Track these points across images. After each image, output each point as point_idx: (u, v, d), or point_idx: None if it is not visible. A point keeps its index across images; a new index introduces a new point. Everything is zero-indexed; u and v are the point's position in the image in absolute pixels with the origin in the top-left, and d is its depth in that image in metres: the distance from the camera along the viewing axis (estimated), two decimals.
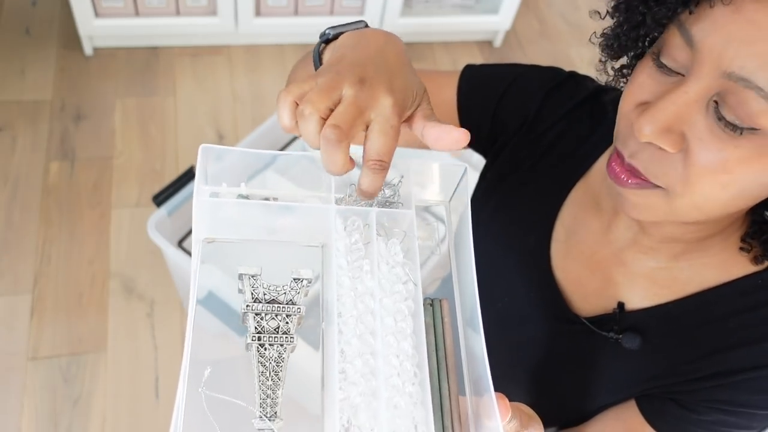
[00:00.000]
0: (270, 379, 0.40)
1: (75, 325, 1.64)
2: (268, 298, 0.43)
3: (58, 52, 2.14)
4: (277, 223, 0.45)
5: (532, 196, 0.67)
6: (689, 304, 0.56)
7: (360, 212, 0.45)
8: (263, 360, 0.41)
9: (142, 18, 2.07)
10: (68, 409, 1.52)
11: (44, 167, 1.88)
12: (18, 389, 1.53)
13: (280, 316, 0.42)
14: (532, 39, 2.49)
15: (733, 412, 0.54)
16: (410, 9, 2.28)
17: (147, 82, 2.11)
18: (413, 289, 0.44)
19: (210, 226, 0.46)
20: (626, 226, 0.59)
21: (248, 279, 0.43)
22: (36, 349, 1.59)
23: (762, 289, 0.54)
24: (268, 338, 0.41)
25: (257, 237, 0.46)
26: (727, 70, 0.40)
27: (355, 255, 0.44)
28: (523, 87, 0.68)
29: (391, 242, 0.45)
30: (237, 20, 2.10)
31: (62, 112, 2.00)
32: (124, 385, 1.57)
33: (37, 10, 2.24)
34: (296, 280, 0.43)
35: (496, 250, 0.69)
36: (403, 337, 0.42)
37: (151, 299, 1.70)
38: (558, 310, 0.63)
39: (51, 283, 1.69)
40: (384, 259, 0.44)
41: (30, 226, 1.77)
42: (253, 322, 0.42)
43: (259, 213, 0.45)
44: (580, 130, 0.65)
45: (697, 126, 0.43)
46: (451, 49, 2.40)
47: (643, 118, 0.43)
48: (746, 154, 0.42)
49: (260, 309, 0.42)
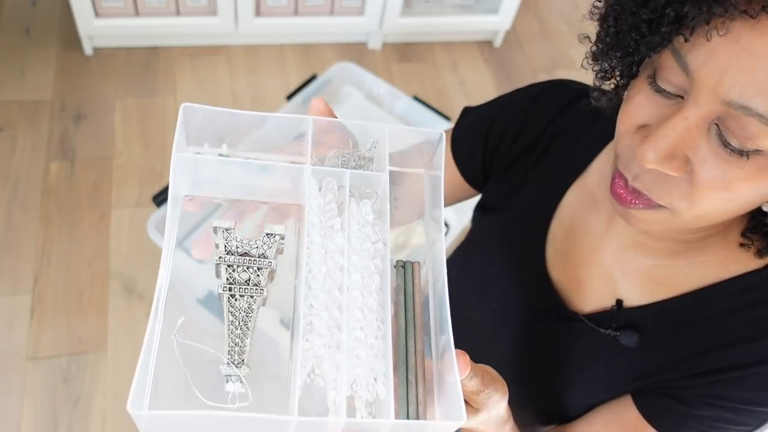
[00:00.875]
0: (239, 329, 0.42)
1: (75, 325, 1.64)
2: (240, 251, 0.44)
3: (58, 52, 2.14)
4: (255, 183, 0.47)
5: (528, 198, 0.67)
6: (687, 301, 0.56)
7: (335, 173, 0.47)
8: (233, 310, 0.42)
9: (142, 18, 2.07)
10: (68, 409, 1.52)
11: (44, 167, 1.88)
12: (18, 389, 1.53)
13: (251, 268, 0.44)
14: (532, 39, 2.49)
15: (732, 409, 0.54)
16: (410, 9, 2.28)
17: (147, 82, 2.11)
18: (382, 248, 0.45)
19: (190, 185, 0.47)
20: (624, 226, 0.59)
21: (222, 232, 0.45)
22: (36, 349, 1.59)
23: (760, 287, 0.54)
24: (239, 289, 0.43)
25: (236, 196, 0.48)
26: (726, 99, 0.40)
27: (327, 214, 0.46)
28: (507, 112, 0.69)
29: (363, 203, 0.47)
30: (237, 20, 2.10)
31: (62, 112, 2.00)
32: (124, 385, 1.57)
33: (37, 10, 2.24)
34: (269, 235, 0.45)
35: (492, 251, 0.70)
36: (369, 292, 0.43)
37: (151, 299, 1.70)
38: (555, 308, 0.64)
39: (51, 283, 1.69)
40: (355, 219, 0.46)
41: (30, 227, 1.77)
42: (225, 273, 0.44)
43: (238, 172, 0.46)
44: (572, 131, 0.65)
45: (701, 149, 0.43)
46: (451, 49, 2.40)
47: (646, 146, 0.43)
48: (750, 173, 0.42)
49: (232, 261, 0.44)
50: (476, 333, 0.71)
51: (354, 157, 0.49)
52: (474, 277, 0.73)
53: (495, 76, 2.35)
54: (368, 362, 0.41)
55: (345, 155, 0.49)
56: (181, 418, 0.36)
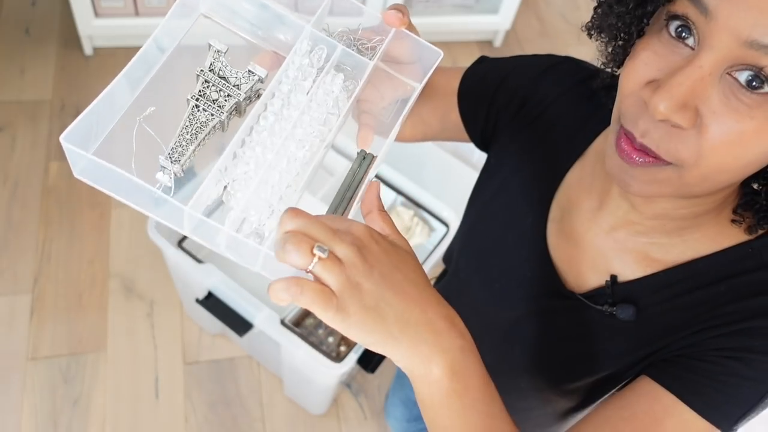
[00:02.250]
0: (189, 134, 0.46)
1: (75, 325, 1.64)
2: (221, 74, 0.49)
3: (57, 52, 2.14)
4: (269, 30, 0.52)
5: (531, 176, 0.68)
6: (681, 272, 0.57)
7: (329, 43, 0.51)
8: (191, 118, 0.47)
9: (142, 18, 2.07)
10: (68, 409, 1.52)
11: (44, 167, 1.88)
12: (18, 389, 1.53)
13: (222, 91, 0.48)
14: (532, 39, 2.49)
15: (741, 359, 0.53)
16: (410, 9, 2.28)
17: None
18: (333, 121, 0.49)
19: (210, 4, 0.52)
20: (616, 205, 0.59)
21: (213, 51, 0.49)
22: (36, 349, 1.59)
23: (752, 257, 0.54)
24: (203, 103, 0.48)
25: (248, 37, 0.53)
26: (748, 39, 0.39)
27: (304, 74, 0.50)
28: (519, 74, 0.69)
29: (338, 75, 0.50)
30: None
31: (62, 112, 2.00)
32: (124, 385, 1.57)
33: (36, 9, 2.24)
34: (250, 72, 0.49)
35: (495, 230, 0.71)
36: (301, 147, 0.48)
37: (151, 299, 1.70)
38: (553, 287, 0.64)
39: (51, 282, 1.69)
40: (324, 87, 0.50)
41: (30, 226, 1.77)
42: (199, 85, 0.48)
43: (254, 10, 0.51)
44: (578, 111, 0.65)
45: (712, 100, 0.42)
46: (451, 49, 2.40)
47: (658, 96, 0.43)
48: (761, 125, 0.42)
49: (210, 77, 0.48)
50: (478, 315, 0.72)
51: (357, 42, 0.52)
52: (477, 258, 0.73)
53: None
54: (272, 200, 0.46)
55: (350, 37, 0.53)
56: (111, 173, 0.41)
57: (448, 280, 0.83)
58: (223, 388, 1.60)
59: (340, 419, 1.60)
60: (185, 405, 1.57)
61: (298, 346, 1.22)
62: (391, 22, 0.53)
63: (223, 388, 1.60)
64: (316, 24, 0.51)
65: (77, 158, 0.43)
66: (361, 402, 1.63)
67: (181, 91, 0.47)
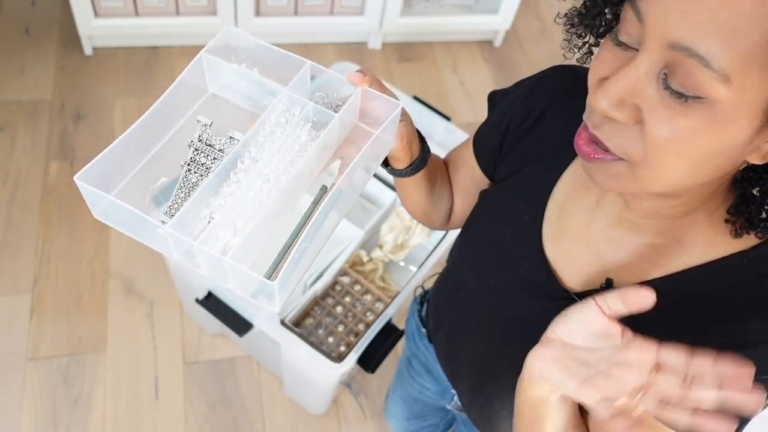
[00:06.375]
0: (183, 193, 0.55)
1: (75, 325, 1.64)
2: (208, 142, 0.58)
3: (57, 52, 2.14)
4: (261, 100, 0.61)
5: (528, 177, 0.70)
6: (675, 281, 0.58)
7: (302, 102, 0.59)
8: (185, 181, 0.56)
9: (141, 18, 2.07)
10: (68, 409, 1.52)
11: (44, 167, 1.88)
12: (18, 389, 1.53)
13: (209, 156, 0.57)
14: (532, 39, 2.49)
15: None
16: (410, 9, 2.28)
17: (147, 82, 2.11)
18: (300, 163, 0.55)
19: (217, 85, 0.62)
20: (612, 202, 0.61)
21: (201, 125, 0.58)
22: (35, 349, 1.59)
23: (747, 268, 0.55)
24: (194, 167, 0.57)
25: (244, 105, 0.63)
26: (671, 41, 0.42)
27: (275, 126, 0.58)
28: (513, 101, 0.73)
29: (306, 126, 0.58)
30: (237, 20, 2.10)
31: (62, 112, 2.00)
32: (124, 385, 1.57)
33: (36, 9, 2.24)
34: (231, 137, 0.58)
35: (492, 226, 0.72)
36: (266, 181, 0.55)
37: (151, 299, 1.70)
38: (548, 286, 0.65)
39: (51, 283, 1.69)
40: (293, 136, 0.58)
41: (30, 226, 1.77)
42: (191, 153, 0.57)
43: (252, 86, 0.61)
44: (573, 112, 0.67)
45: (650, 98, 0.45)
46: (451, 49, 2.40)
47: (599, 93, 0.46)
48: (696, 123, 0.44)
49: (199, 146, 0.57)
50: (473, 312, 0.73)
51: (333, 102, 0.61)
52: (474, 254, 0.75)
53: (495, 75, 2.35)
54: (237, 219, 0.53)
55: (327, 99, 0.62)
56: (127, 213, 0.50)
57: (445, 275, 0.85)
58: (222, 388, 1.60)
59: (340, 419, 1.60)
60: (185, 405, 1.57)
61: (298, 346, 1.22)
62: (353, 81, 0.59)
63: (222, 388, 1.60)
64: (292, 88, 0.58)
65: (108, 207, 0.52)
66: (361, 402, 1.63)
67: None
